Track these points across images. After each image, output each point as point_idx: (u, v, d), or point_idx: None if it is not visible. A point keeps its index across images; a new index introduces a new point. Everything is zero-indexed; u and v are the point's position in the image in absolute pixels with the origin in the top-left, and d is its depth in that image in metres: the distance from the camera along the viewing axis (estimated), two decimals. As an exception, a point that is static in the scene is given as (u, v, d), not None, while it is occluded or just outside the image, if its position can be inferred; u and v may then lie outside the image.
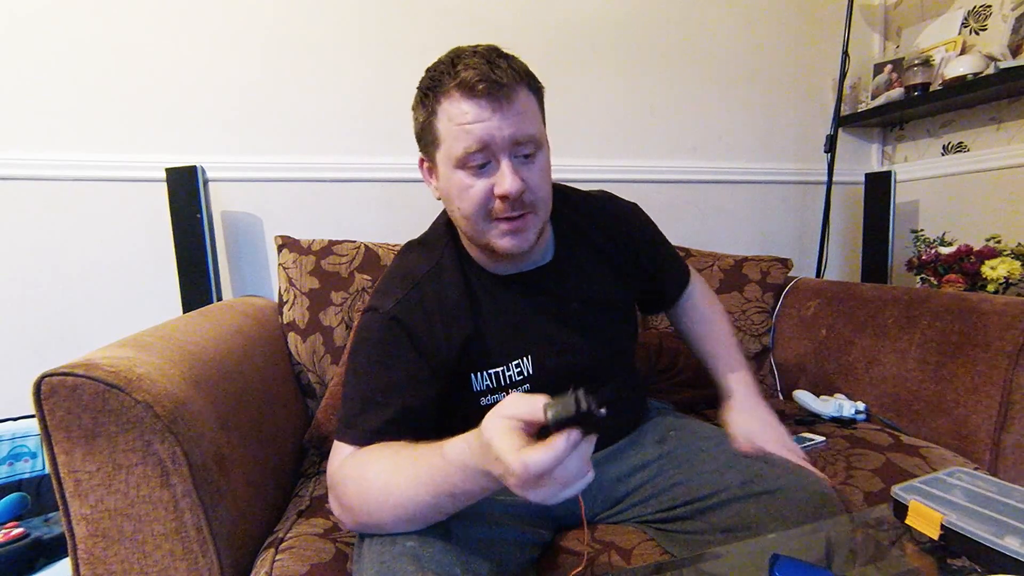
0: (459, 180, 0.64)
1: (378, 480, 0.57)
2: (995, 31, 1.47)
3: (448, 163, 0.64)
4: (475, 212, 0.65)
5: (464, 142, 0.61)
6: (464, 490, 0.52)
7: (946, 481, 0.62)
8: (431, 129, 0.65)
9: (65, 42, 1.20)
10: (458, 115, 0.61)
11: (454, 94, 0.61)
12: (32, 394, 0.56)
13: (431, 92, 0.64)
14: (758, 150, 1.70)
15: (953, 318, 1.01)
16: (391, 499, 0.56)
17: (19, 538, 0.94)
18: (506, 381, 0.73)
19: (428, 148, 0.68)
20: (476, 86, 0.59)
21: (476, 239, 0.69)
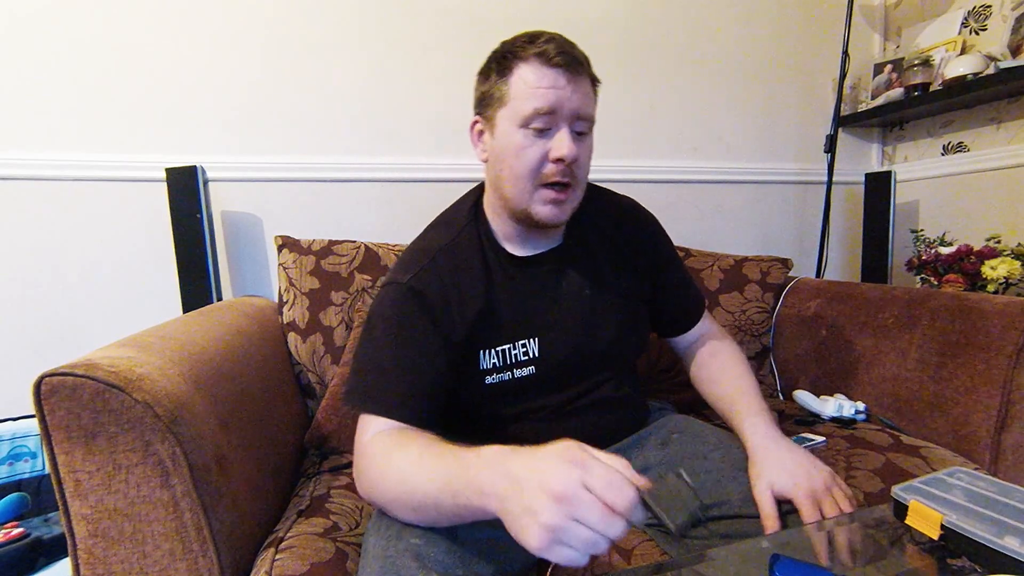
0: (519, 139, 0.68)
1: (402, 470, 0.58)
2: (995, 31, 1.47)
3: (512, 121, 0.68)
4: (527, 173, 0.68)
5: (536, 102, 0.66)
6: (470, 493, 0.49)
7: (946, 481, 0.62)
8: (499, 89, 0.69)
9: (65, 42, 1.21)
10: (534, 79, 0.66)
11: (533, 60, 0.66)
12: (32, 394, 0.56)
13: (509, 56, 0.68)
14: (758, 150, 1.70)
15: (953, 318, 1.01)
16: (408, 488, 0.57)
17: (19, 538, 0.94)
18: (511, 360, 0.74)
19: (489, 108, 0.71)
20: (555, 57, 0.66)
21: (516, 204, 0.71)
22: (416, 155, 1.41)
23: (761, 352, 1.36)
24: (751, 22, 1.64)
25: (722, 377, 0.83)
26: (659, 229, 0.89)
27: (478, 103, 0.74)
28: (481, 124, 0.74)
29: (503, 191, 0.72)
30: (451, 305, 0.72)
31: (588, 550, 0.42)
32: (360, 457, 0.65)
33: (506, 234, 0.77)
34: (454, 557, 0.56)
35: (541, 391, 0.77)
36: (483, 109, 0.73)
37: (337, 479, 0.92)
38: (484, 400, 0.76)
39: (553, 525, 0.41)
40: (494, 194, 0.76)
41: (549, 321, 0.76)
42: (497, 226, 0.78)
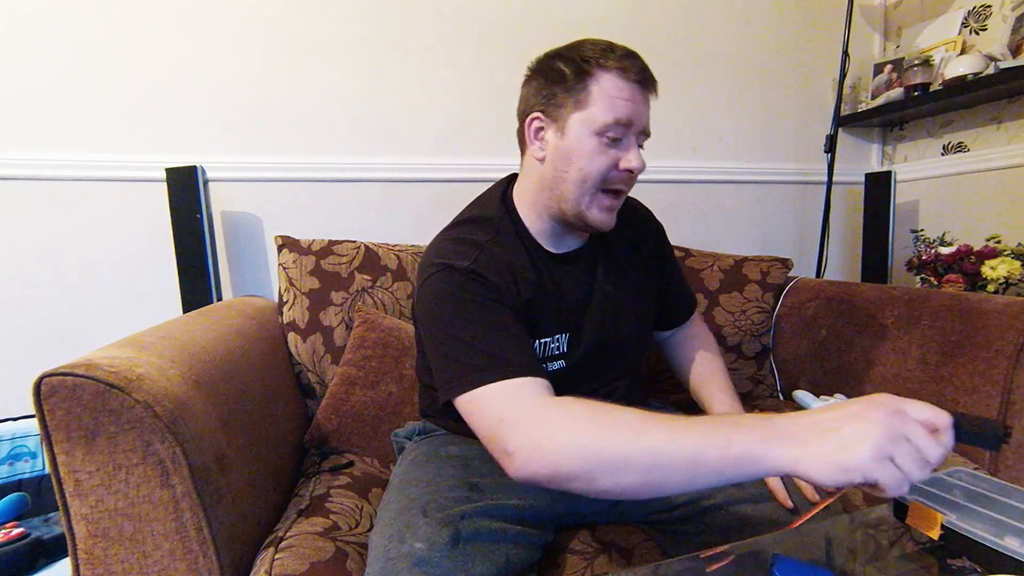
0: (592, 145, 0.69)
1: (630, 421, 0.51)
2: (995, 31, 1.47)
3: (588, 126, 0.69)
4: (595, 178, 0.70)
5: (616, 113, 0.68)
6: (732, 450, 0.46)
7: (946, 481, 0.62)
8: (576, 93, 0.69)
9: (65, 42, 1.21)
10: (615, 90, 0.68)
11: (616, 72, 0.68)
12: (32, 394, 0.56)
13: (591, 60, 0.68)
14: (758, 150, 1.70)
15: (953, 318, 1.01)
16: (641, 440, 0.49)
17: (19, 538, 0.94)
18: (547, 353, 0.76)
19: (560, 108, 0.70)
20: (635, 74, 0.69)
21: (572, 206, 0.72)
22: (416, 155, 1.41)
23: (761, 352, 1.36)
24: (751, 22, 1.64)
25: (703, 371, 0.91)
26: (663, 230, 0.93)
27: (543, 101, 0.72)
28: (543, 122, 0.73)
29: (560, 190, 0.72)
30: (510, 288, 0.71)
31: (912, 472, 0.43)
32: (521, 423, 0.55)
33: (540, 231, 0.78)
34: (456, 561, 0.56)
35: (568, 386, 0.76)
36: (551, 108, 0.71)
37: (337, 479, 0.92)
38: None
39: (889, 437, 0.42)
40: (541, 192, 0.75)
41: (579, 317, 0.78)
42: (531, 223, 0.78)
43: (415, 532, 0.58)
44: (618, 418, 0.52)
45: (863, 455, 0.42)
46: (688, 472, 0.48)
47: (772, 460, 0.45)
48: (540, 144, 0.73)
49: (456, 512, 0.62)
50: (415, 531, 0.58)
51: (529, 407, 0.56)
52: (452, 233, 0.77)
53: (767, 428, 0.46)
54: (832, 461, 0.43)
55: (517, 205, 0.79)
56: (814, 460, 0.43)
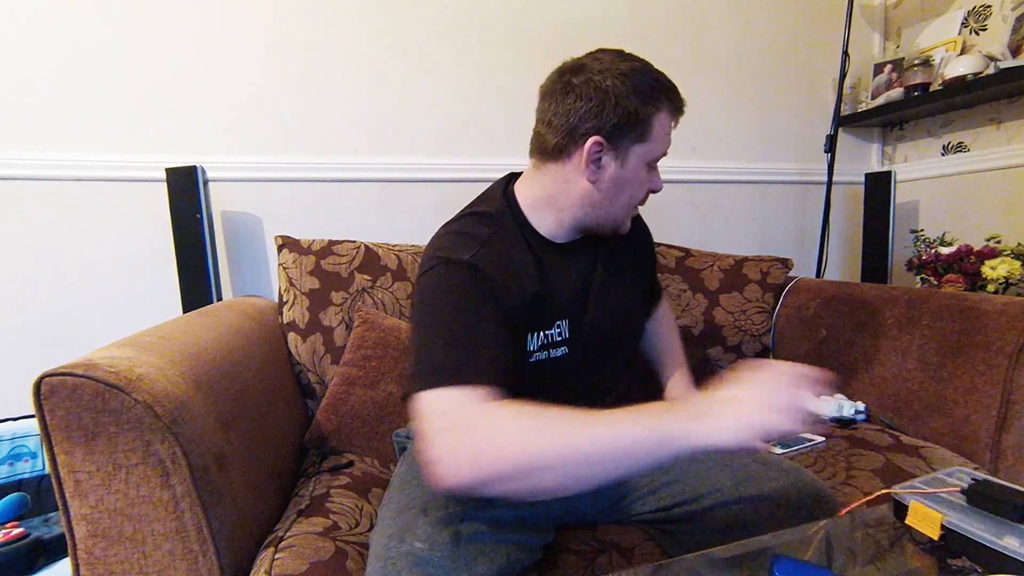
0: (644, 175, 0.76)
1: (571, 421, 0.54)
2: (995, 31, 1.47)
3: (644, 158, 0.74)
4: (637, 201, 0.79)
5: (664, 147, 0.75)
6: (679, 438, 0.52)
7: (946, 481, 0.62)
8: (641, 126, 0.72)
9: (65, 42, 1.21)
10: (668, 128, 0.75)
11: (668, 109, 0.74)
12: (32, 394, 0.56)
13: (658, 94, 0.72)
14: (758, 150, 1.70)
15: (953, 318, 1.01)
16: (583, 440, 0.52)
17: (19, 538, 0.94)
18: (550, 340, 0.77)
19: (624, 138, 0.72)
20: (682, 111, 0.76)
21: (613, 222, 0.79)
22: (416, 155, 1.41)
23: (761, 352, 1.37)
24: (751, 22, 1.64)
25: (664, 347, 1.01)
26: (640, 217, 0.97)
27: (610, 128, 0.71)
28: (603, 148, 0.72)
29: (609, 211, 0.77)
30: (511, 286, 0.71)
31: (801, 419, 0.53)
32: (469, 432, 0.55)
33: (547, 227, 0.79)
34: (458, 561, 0.56)
35: (571, 373, 0.80)
36: (614, 136, 0.72)
37: (337, 479, 0.92)
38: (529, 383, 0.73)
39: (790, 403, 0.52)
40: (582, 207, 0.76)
41: (580, 304, 0.80)
42: (539, 220, 0.79)
43: (415, 532, 0.58)
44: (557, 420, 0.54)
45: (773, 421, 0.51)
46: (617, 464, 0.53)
47: (690, 437, 0.52)
48: (593, 168, 0.73)
49: (457, 512, 0.62)
50: (415, 531, 0.59)
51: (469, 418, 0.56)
52: (454, 226, 0.77)
53: (682, 412, 0.53)
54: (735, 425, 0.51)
55: (521, 202, 0.79)
56: (721, 428, 0.51)
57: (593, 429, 0.52)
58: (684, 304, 1.35)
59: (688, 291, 1.36)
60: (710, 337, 1.34)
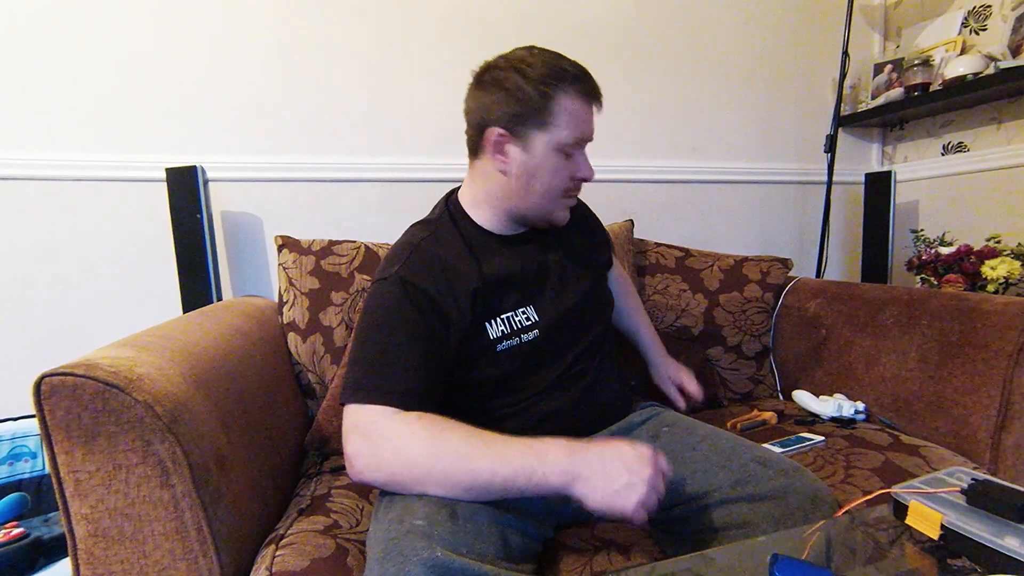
0: (555, 162, 0.77)
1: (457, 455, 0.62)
2: (995, 31, 1.47)
3: (551, 144, 0.75)
4: (560, 189, 0.79)
5: (577, 133, 0.75)
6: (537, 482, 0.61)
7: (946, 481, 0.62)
8: (540, 112, 0.74)
9: (65, 42, 1.21)
10: (577, 111, 0.75)
11: (574, 92, 0.74)
12: (32, 394, 0.56)
13: (552, 80, 0.73)
14: (758, 150, 1.70)
15: (953, 318, 1.01)
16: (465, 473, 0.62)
17: (19, 538, 0.94)
18: (517, 326, 0.80)
19: (523, 126, 0.75)
20: (592, 92, 0.76)
21: (539, 213, 0.81)
22: (416, 155, 1.41)
23: (761, 352, 1.37)
24: (751, 22, 1.64)
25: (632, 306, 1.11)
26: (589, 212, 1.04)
27: (508, 118, 0.76)
28: (506, 139, 0.77)
29: (527, 201, 0.79)
30: (442, 289, 0.75)
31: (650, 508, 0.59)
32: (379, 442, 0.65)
33: (491, 222, 0.83)
34: (458, 537, 0.57)
35: (546, 354, 0.82)
36: (515, 125, 0.76)
37: (338, 479, 0.92)
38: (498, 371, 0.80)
39: (643, 497, 0.58)
40: (503, 198, 0.81)
41: (539, 289, 0.84)
42: (481, 217, 0.84)
43: (414, 512, 0.59)
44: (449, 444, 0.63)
45: (629, 509, 0.58)
46: (501, 491, 0.61)
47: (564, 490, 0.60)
48: (502, 158, 0.78)
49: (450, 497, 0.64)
50: (413, 512, 0.59)
51: (378, 430, 0.65)
52: (401, 237, 0.85)
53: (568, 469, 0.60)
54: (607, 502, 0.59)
55: (464, 203, 0.85)
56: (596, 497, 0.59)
57: (476, 464, 0.61)
58: (684, 304, 1.35)
59: (688, 291, 1.36)
60: (710, 337, 1.34)
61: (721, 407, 1.30)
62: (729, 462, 0.73)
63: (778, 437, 1.02)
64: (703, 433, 0.81)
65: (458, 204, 0.86)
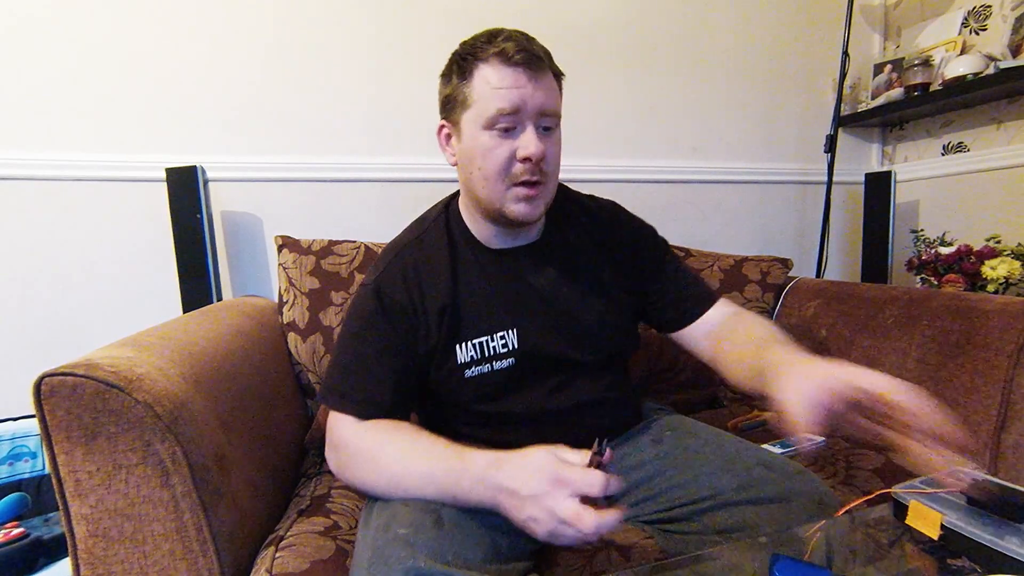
0: (485, 141, 0.68)
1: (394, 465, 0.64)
2: (995, 31, 1.47)
3: (476, 123, 0.68)
4: (497, 173, 0.69)
5: (499, 103, 0.66)
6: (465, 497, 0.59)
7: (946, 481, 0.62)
8: (462, 92, 0.69)
9: (65, 42, 1.20)
10: (496, 79, 0.66)
11: (494, 61, 0.67)
12: (32, 394, 0.56)
13: (469, 57, 0.68)
14: (758, 150, 1.70)
15: (953, 318, 1.01)
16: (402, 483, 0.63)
17: (19, 538, 0.94)
18: (490, 352, 0.75)
19: (453, 111, 0.71)
20: (515, 56, 0.66)
21: (491, 204, 0.71)
22: (416, 155, 1.41)
23: (761, 352, 1.36)
24: (751, 22, 1.64)
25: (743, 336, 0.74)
26: (642, 225, 0.89)
27: (443, 107, 0.74)
28: (448, 128, 0.74)
29: (476, 193, 0.72)
30: (415, 300, 0.74)
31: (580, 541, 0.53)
32: (340, 450, 0.70)
33: (482, 234, 0.78)
34: (442, 543, 0.57)
35: (521, 385, 0.76)
36: (448, 113, 0.73)
37: (337, 479, 0.92)
38: (465, 397, 0.77)
39: (549, 531, 0.53)
40: (468, 196, 0.77)
41: (527, 312, 0.76)
42: (472, 225, 0.79)
43: (399, 520, 0.59)
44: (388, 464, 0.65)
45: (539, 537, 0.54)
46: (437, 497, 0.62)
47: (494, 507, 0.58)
48: (450, 151, 0.75)
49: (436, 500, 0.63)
50: (399, 519, 0.59)
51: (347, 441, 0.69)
52: (395, 237, 0.83)
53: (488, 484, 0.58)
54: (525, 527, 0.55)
55: (461, 209, 0.80)
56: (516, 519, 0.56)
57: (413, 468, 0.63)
58: (684, 304, 1.35)
59: (688, 291, 1.36)
60: (710, 337, 1.34)
61: (721, 407, 1.30)
62: (733, 466, 0.71)
63: (778, 437, 1.02)
64: (707, 436, 0.79)
65: (457, 208, 0.81)
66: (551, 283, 0.78)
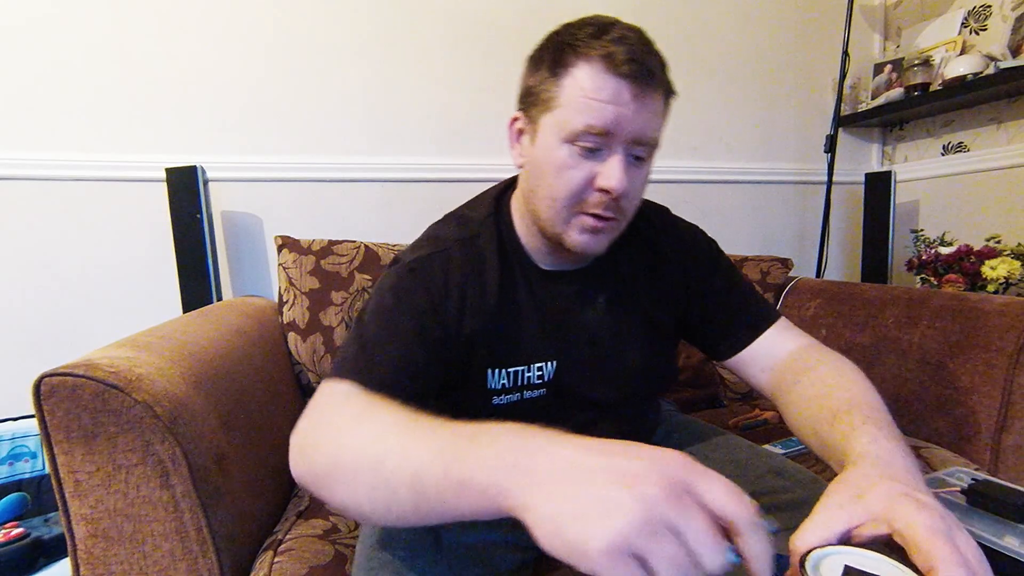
0: (561, 156, 0.57)
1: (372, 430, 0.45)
2: (995, 31, 1.47)
3: (557, 132, 0.57)
4: (567, 197, 0.58)
5: (588, 118, 0.54)
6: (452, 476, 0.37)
7: (946, 481, 0.62)
8: (548, 89, 0.57)
9: (65, 42, 1.20)
10: (591, 87, 0.54)
11: (596, 63, 0.54)
12: (32, 394, 0.56)
13: (568, 49, 0.56)
14: (758, 150, 1.70)
15: (953, 318, 1.01)
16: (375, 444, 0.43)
17: (19, 538, 0.94)
18: (523, 382, 0.66)
19: (533, 107, 0.60)
20: (623, 64, 0.53)
21: (549, 226, 0.61)
22: (416, 155, 1.41)
23: (761, 352, 1.36)
24: (751, 22, 1.64)
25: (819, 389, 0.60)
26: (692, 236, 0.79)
27: (522, 97, 0.62)
28: (522, 123, 0.63)
29: (535, 208, 0.62)
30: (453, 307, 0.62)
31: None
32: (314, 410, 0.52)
33: (532, 245, 0.67)
34: (440, 566, 0.55)
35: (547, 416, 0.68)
36: (526, 107, 0.61)
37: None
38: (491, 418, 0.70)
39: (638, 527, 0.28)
40: (526, 206, 0.65)
41: (571, 345, 0.67)
42: (523, 233, 0.67)
43: (396, 538, 0.56)
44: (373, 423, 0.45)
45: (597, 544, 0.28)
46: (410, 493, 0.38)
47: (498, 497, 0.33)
48: (519, 149, 0.64)
49: None
50: (396, 537, 0.57)
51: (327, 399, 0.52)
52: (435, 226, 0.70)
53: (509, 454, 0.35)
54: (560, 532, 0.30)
55: (513, 211, 0.69)
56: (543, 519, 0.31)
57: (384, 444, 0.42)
58: (684, 304, 1.35)
59: (688, 291, 1.35)
60: (710, 337, 1.34)
61: (721, 407, 1.30)
62: (744, 473, 0.67)
63: (778, 437, 1.02)
64: (717, 440, 0.76)
65: (508, 211, 0.69)
66: (599, 316, 0.69)
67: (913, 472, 0.43)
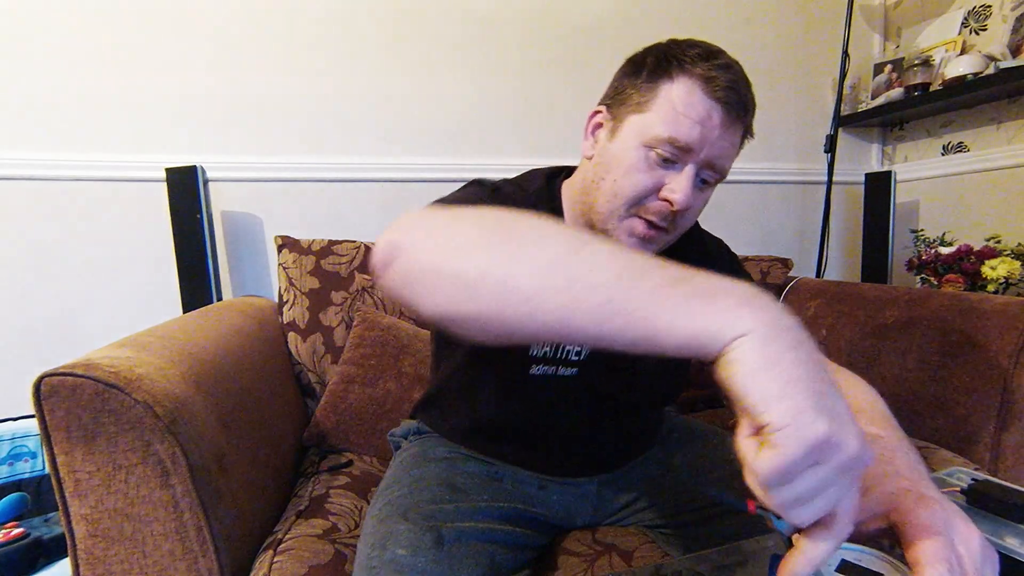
0: (636, 157, 0.58)
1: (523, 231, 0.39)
2: (995, 31, 1.47)
3: (639, 135, 0.58)
4: (630, 196, 0.59)
5: (674, 130, 0.56)
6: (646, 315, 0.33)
7: (946, 481, 0.62)
8: (642, 93, 0.59)
9: (65, 42, 1.21)
10: (686, 102, 0.56)
11: (696, 80, 0.57)
12: (32, 394, 0.56)
13: (673, 61, 0.58)
14: (758, 150, 1.69)
15: (953, 318, 1.01)
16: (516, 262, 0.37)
17: (19, 538, 0.94)
18: (562, 355, 0.66)
19: (622, 106, 0.61)
20: (720, 90, 0.57)
21: (601, 220, 0.62)
22: (416, 155, 1.41)
23: (761, 352, 1.36)
24: (751, 22, 1.64)
25: None
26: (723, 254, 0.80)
27: (611, 94, 0.64)
28: (604, 117, 0.64)
29: (593, 197, 0.63)
30: None
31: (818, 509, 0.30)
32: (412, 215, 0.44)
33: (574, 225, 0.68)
34: (440, 565, 0.55)
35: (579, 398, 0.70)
36: (614, 104, 0.62)
37: (336, 479, 0.92)
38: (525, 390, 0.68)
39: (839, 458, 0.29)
40: (581, 192, 0.66)
41: None
42: (569, 219, 0.68)
43: (397, 539, 0.57)
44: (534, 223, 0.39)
45: (817, 428, 0.28)
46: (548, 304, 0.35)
47: (725, 327, 0.31)
48: (592, 141, 0.65)
49: (437, 513, 0.61)
50: (397, 537, 0.57)
51: (439, 210, 0.44)
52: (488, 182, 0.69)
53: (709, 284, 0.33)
54: (787, 396, 0.28)
55: (565, 195, 0.70)
56: (770, 364, 0.29)
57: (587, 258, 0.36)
58: (684, 304, 1.35)
59: (688, 291, 1.35)
60: (710, 337, 1.34)
61: (721, 406, 1.30)
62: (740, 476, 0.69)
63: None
64: (717, 440, 0.77)
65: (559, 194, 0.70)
66: None
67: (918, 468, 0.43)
